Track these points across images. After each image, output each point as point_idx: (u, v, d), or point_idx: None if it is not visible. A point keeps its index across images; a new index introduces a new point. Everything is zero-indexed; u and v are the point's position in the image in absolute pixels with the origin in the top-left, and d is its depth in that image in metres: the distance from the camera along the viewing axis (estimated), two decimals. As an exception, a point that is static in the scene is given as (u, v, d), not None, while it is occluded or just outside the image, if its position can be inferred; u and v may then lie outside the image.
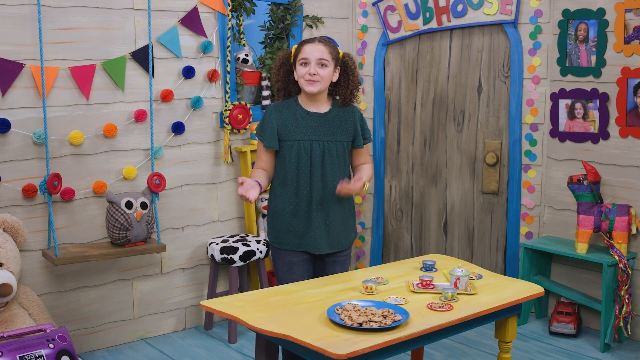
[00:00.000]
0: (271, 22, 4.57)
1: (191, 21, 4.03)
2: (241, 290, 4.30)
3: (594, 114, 4.12)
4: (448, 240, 4.77)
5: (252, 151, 4.31)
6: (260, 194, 2.96)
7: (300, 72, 3.00)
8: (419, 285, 2.81)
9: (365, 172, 3.13)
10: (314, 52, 2.97)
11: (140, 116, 3.86)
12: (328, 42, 3.04)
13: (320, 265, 3.16)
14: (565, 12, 4.16)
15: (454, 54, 4.60)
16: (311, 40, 3.02)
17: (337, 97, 3.11)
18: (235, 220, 4.43)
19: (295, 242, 3.06)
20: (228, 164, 4.34)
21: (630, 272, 3.89)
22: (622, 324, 3.89)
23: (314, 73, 2.96)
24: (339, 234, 3.11)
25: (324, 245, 3.07)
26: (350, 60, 3.10)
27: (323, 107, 3.08)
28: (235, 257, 4.00)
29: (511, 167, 4.45)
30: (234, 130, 4.26)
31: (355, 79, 3.10)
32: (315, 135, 3.02)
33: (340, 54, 3.08)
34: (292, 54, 3.07)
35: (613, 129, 4.06)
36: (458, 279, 2.76)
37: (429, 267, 3.08)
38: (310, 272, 3.14)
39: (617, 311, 3.89)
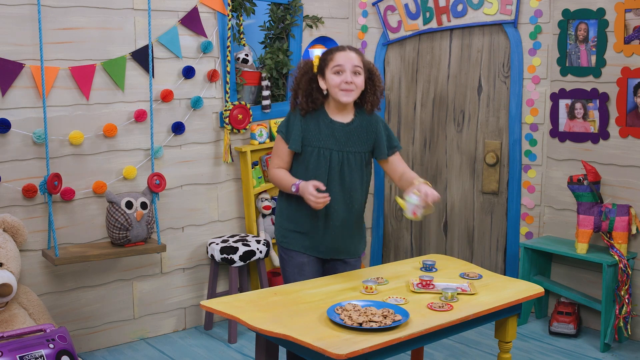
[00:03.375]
0: (271, 22, 4.57)
1: (191, 21, 4.03)
2: (241, 290, 4.30)
3: (594, 114, 4.12)
4: (448, 240, 4.77)
5: (252, 151, 4.31)
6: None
7: (334, 81, 2.91)
8: (419, 285, 2.81)
9: (414, 175, 3.02)
10: (349, 60, 2.90)
11: (140, 116, 3.86)
12: (357, 49, 2.99)
13: (330, 269, 3.13)
14: (565, 12, 4.16)
15: (454, 54, 4.60)
16: (341, 49, 2.94)
17: (365, 105, 3.02)
18: (235, 220, 4.43)
19: (305, 244, 3.04)
20: (228, 164, 4.33)
21: (630, 272, 3.89)
22: (622, 324, 3.89)
23: (351, 81, 2.89)
24: (350, 241, 3.08)
25: (333, 252, 3.06)
26: (374, 66, 3.04)
27: (348, 116, 3.02)
28: (235, 257, 4.00)
29: (511, 167, 4.44)
30: (234, 130, 4.26)
31: (380, 84, 3.03)
32: (336, 145, 2.97)
33: None
34: (314, 64, 2.99)
35: (613, 129, 4.06)
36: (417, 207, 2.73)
37: (429, 267, 3.08)
38: (320, 273, 3.12)
39: (617, 311, 3.89)
